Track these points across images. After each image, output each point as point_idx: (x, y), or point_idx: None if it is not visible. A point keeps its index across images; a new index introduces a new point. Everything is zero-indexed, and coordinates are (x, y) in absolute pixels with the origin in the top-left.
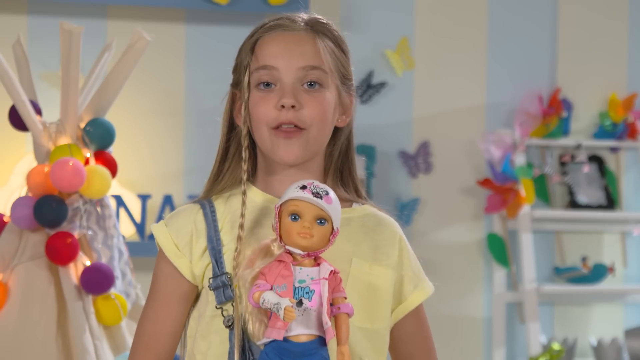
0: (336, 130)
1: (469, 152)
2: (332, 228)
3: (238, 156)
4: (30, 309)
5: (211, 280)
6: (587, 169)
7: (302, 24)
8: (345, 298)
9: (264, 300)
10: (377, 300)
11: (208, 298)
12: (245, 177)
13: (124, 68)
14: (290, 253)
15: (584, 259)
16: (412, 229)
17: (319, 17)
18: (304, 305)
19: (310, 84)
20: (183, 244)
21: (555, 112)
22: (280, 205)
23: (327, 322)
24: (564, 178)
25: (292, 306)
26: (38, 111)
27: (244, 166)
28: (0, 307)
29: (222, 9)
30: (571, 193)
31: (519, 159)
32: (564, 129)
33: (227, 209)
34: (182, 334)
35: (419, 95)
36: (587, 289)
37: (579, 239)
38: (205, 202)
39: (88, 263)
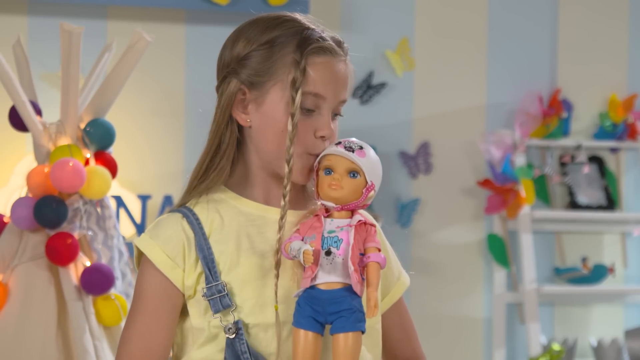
0: None
1: (469, 153)
2: (366, 181)
3: (229, 155)
4: (31, 310)
5: (205, 289)
6: (587, 169)
7: (340, 50)
8: (379, 249)
9: (291, 249)
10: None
11: (199, 307)
12: (287, 189)
13: (124, 68)
14: (326, 209)
15: (584, 260)
16: (412, 230)
17: (340, 38)
18: (332, 254)
19: (335, 115)
20: (175, 254)
21: (555, 112)
22: (318, 163)
23: (351, 266)
24: (564, 178)
25: (311, 250)
26: (38, 112)
27: (286, 183)
28: (1, 308)
29: (222, 9)
30: (571, 193)
31: (519, 160)
32: (564, 130)
33: (210, 214)
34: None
35: (419, 95)
36: (587, 289)
37: (579, 239)
38: (185, 210)
39: (88, 263)
